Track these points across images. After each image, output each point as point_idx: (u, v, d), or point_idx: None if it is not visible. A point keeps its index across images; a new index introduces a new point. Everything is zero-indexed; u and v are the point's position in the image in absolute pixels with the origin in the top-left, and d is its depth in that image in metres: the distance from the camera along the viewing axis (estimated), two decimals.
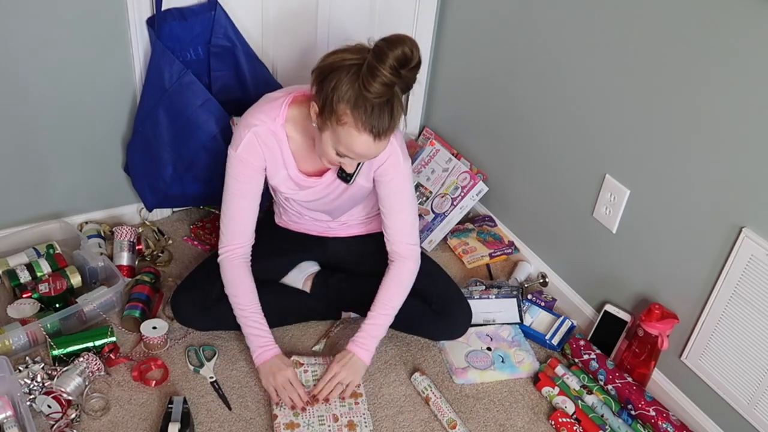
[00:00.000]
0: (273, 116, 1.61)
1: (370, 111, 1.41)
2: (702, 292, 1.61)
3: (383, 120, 1.42)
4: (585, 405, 1.73)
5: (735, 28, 1.40)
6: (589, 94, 1.79)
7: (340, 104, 1.42)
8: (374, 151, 1.48)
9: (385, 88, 1.38)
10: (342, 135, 1.45)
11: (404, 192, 1.71)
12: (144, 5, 1.84)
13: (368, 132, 1.43)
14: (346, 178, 1.67)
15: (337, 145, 1.48)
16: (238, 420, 1.65)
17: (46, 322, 1.71)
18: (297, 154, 1.66)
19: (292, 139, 1.64)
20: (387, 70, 1.36)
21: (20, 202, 2.00)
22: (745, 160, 1.44)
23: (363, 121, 1.41)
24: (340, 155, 1.50)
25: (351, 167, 1.55)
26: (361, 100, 1.40)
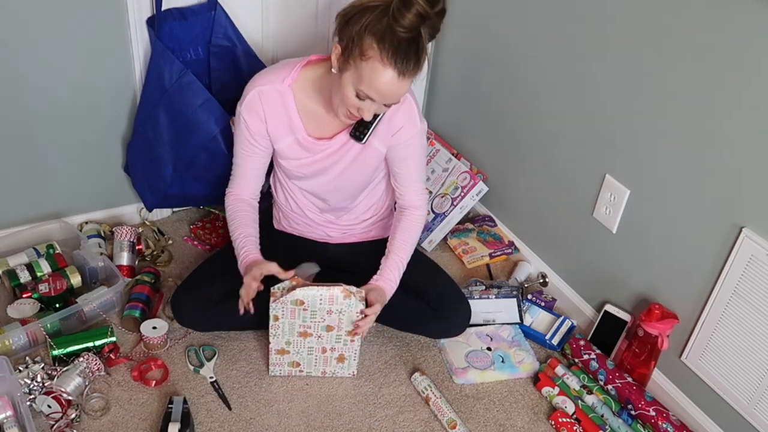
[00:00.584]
0: (282, 77, 1.61)
1: (397, 45, 1.38)
2: (702, 292, 1.61)
3: (409, 57, 1.40)
4: (585, 405, 1.73)
5: (735, 28, 1.40)
6: (589, 94, 1.79)
7: (366, 39, 1.40)
8: (397, 90, 1.45)
9: (417, 20, 1.37)
10: (365, 70, 1.42)
11: (419, 152, 1.73)
12: (144, 5, 1.84)
13: (393, 67, 1.40)
14: (359, 136, 1.64)
15: (358, 84, 1.44)
16: (238, 420, 1.65)
17: (46, 322, 1.71)
18: (306, 117, 1.65)
19: (300, 101, 1.63)
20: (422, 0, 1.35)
21: (20, 202, 2.00)
22: (745, 160, 1.44)
23: (389, 55, 1.39)
24: (360, 97, 1.46)
25: (369, 114, 1.50)
26: (389, 34, 1.38)
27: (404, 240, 1.75)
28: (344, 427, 1.66)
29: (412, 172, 1.75)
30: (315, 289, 1.59)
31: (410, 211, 1.78)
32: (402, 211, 1.79)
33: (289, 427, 1.65)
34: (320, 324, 1.65)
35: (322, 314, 1.63)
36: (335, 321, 1.64)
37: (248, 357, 1.81)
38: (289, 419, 1.67)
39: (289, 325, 1.64)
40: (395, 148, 1.69)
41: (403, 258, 1.74)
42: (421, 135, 1.70)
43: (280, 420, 1.66)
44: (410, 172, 1.75)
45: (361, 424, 1.67)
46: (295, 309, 1.61)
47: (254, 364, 1.79)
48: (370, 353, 1.85)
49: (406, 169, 1.74)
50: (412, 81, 1.46)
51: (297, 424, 1.66)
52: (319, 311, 1.62)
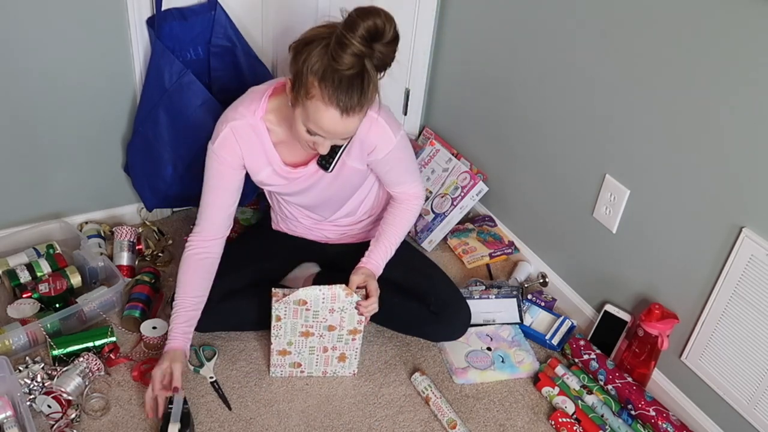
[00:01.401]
0: (252, 109, 1.58)
1: (338, 83, 1.34)
2: (702, 292, 1.61)
3: (352, 95, 1.35)
4: (585, 405, 1.73)
5: (736, 28, 1.40)
6: (589, 94, 1.79)
7: (309, 77, 1.37)
8: (342, 129, 1.41)
9: (354, 59, 1.32)
10: (310, 109, 1.39)
11: (402, 159, 1.69)
12: (144, 5, 1.84)
13: (335, 106, 1.36)
14: (325, 166, 1.61)
15: (306, 121, 1.42)
16: (238, 420, 1.65)
17: (46, 322, 1.71)
18: (279, 146, 1.62)
19: (273, 132, 1.60)
20: (357, 40, 1.29)
21: (20, 202, 2.00)
22: (745, 160, 1.44)
23: (330, 94, 1.35)
24: (310, 133, 1.44)
25: (324, 148, 1.48)
26: (329, 72, 1.34)
27: (396, 226, 1.75)
28: (344, 427, 1.66)
29: (400, 176, 1.73)
30: (317, 289, 1.59)
31: (404, 201, 1.77)
32: (396, 200, 1.78)
33: (289, 427, 1.65)
34: (322, 323, 1.65)
35: (324, 313, 1.63)
36: (337, 320, 1.64)
37: (248, 357, 1.81)
38: (289, 419, 1.67)
39: (291, 325, 1.64)
40: (375, 164, 1.67)
41: (393, 244, 1.74)
42: (399, 146, 1.64)
43: (280, 420, 1.66)
44: (399, 178, 1.73)
45: (361, 424, 1.67)
46: (297, 309, 1.61)
47: (254, 364, 1.79)
48: (370, 353, 1.85)
49: (394, 176, 1.72)
50: (360, 116, 1.41)
51: (297, 424, 1.66)
52: (321, 310, 1.62)
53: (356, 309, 1.63)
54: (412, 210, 1.78)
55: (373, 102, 1.42)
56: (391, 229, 1.74)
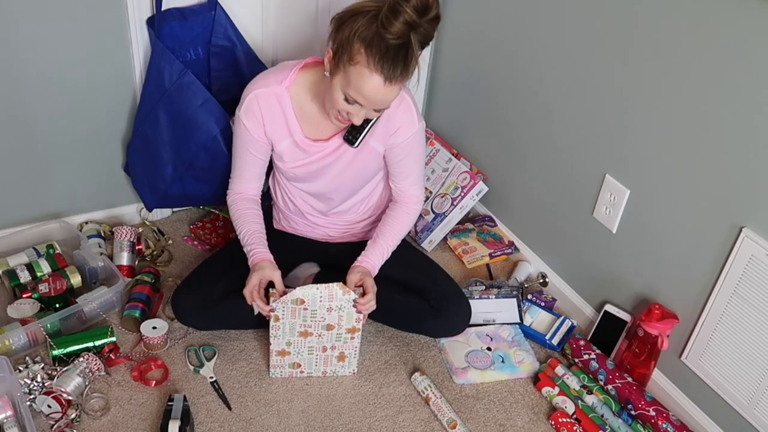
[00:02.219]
0: (279, 79, 1.62)
1: (384, 51, 1.39)
2: (702, 292, 1.61)
3: (396, 64, 1.41)
4: (585, 405, 1.73)
5: (736, 28, 1.40)
6: (589, 94, 1.79)
7: (354, 43, 1.41)
8: (383, 96, 1.45)
9: (405, 28, 1.37)
10: (353, 75, 1.43)
11: (417, 151, 1.73)
12: (144, 5, 1.84)
13: (379, 73, 1.41)
14: (351, 141, 1.65)
15: (346, 88, 1.45)
16: (238, 420, 1.65)
17: (46, 322, 1.71)
18: (302, 119, 1.65)
19: (297, 103, 1.64)
20: (410, 9, 1.35)
21: (20, 202, 2.00)
22: (744, 160, 1.44)
23: (376, 61, 1.40)
24: (348, 101, 1.47)
25: (358, 118, 1.51)
26: (377, 39, 1.39)
27: (394, 229, 1.76)
28: (344, 427, 1.66)
29: (409, 171, 1.76)
30: (314, 287, 1.59)
31: (404, 204, 1.79)
32: (396, 203, 1.80)
33: (289, 427, 1.65)
34: (320, 323, 1.65)
35: (322, 312, 1.63)
36: (335, 319, 1.64)
37: (248, 357, 1.81)
38: (289, 419, 1.67)
39: (290, 326, 1.64)
40: (393, 148, 1.69)
41: (390, 245, 1.74)
42: (419, 134, 1.70)
43: (280, 420, 1.66)
44: (408, 172, 1.76)
45: (361, 424, 1.67)
46: (295, 308, 1.61)
47: (254, 364, 1.79)
48: (370, 353, 1.85)
49: (403, 168, 1.74)
50: (400, 87, 1.46)
51: (297, 424, 1.66)
52: (319, 309, 1.62)
53: (354, 307, 1.64)
54: (410, 214, 1.79)
55: (411, 77, 1.47)
56: (388, 231, 1.75)
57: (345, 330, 1.67)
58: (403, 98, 1.62)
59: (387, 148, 1.70)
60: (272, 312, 1.61)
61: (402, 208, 1.78)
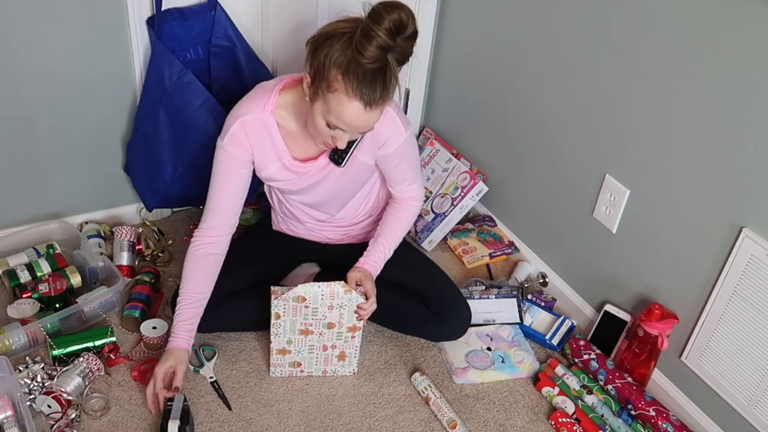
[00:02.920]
0: (262, 104, 1.59)
1: (362, 77, 1.36)
2: (702, 292, 1.61)
3: (375, 88, 1.38)
4: (585, 405, 1.73)
5: (736, 28, 1.40)
6: (589, 94, 1.79)
7: (331, 70, 1.38)
8: (364, 122, 1.43)
9: (379, 52, 1.34)
10: (332, 102, 1.40)
11: (409, 156, 1.71)
12: (144, 5, 1.84)
13: (359, 99, 1.38)
14: (338, 160, 1.63)
15: (327, 115, 1.43)
16: (238, 420, 1.65)
17: (46, 322, 1.71)
18: (289, 141, 1.63)
19: (282, 126, 1.61)
20: (383, 32, 1.31)
21: (20, 202, 2.00)
22: (744, 160, 1.44)
23: (354, 88, 1.36)
24: (330, 127, 1.45)
25: (342, 143, 1.49)
26: (353, 65, 1.35)
27: (395, 227, 1.75)
28: (344, 427, 1.66)
29: (405, 175, 1.75)
30: (316, 285, 1.59)
31: (404, 202, 1.78)
32: (395, 201, 1.80)
33: (289, 427, 1.65)
34: (321, 321, 1.65)
35: (323, 310, 1.63)
36: (336, 317, 1.64)
37: (248, 357, 1.81)
38: (289, 419, 1.67)
39: (291, 323, 1.64)
40: (384, 158, 1.68)
41: (392, 244, 1.74)
42: (409, 141, 1.67)
43: (280, 420, 1.66)
44: (403, 176, 1.75)
45: (361, 424, 1.67)
46: (296, 306, 1.61)
47: (254, 364, 1.79)
48: (370, 353, 1.85)
49: (398, 174, 1.74)
50: (381, 110, 1.44)
51: (297, 424, 1.66)
52: (320, 307, 1.62)
53: (355, 313, 1.64)
54: (411, 211, 1.78)
55: (392, 96, 1.45)
56: (389, 230, 1.75)
57: (346, 329, 1.67)
58: (385, 113, 1.56)
59: (378, 159, 1.68)
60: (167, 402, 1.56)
61: (402, 206, 1.78)
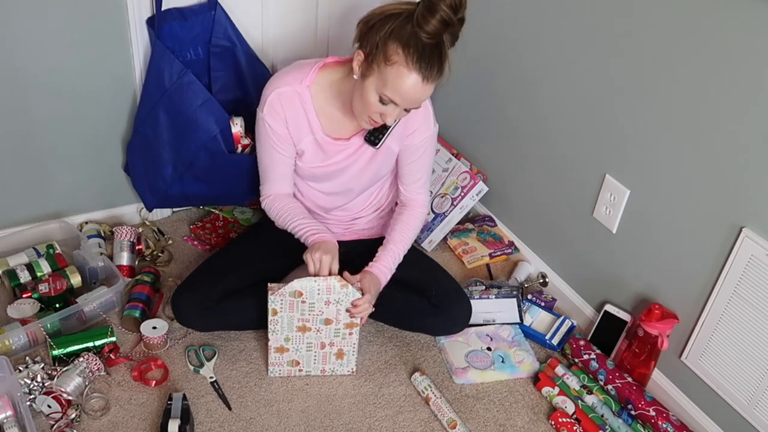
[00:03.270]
0: (300, 78, 1.64)
1: (422, 50, 1.42)
2: (702, 292, 1.61)
3: (433, 63, 1.44)
4: (585, 405, 1.73)
5: (735, 29, 1.40)
6: (589, 94, 1.79)
7: (390, 44, 1.44)
8: (420, 94, 1.48)
9: (441, 26, 1.40)
10: (390, 75, 1.45)
11: (430, 154, 1.77)
12: (144, 5, 1.84)
13: (418, 71, 1.44)
14: (374, 141, 1.67)
15: (382, 88, 1.47)
16: (238, 420, 1.65)
17: (46, 322, 1.71)
18: (323, 118, 1.67)
19: (317, 102, 1.65)
20: (446, 7, 1.38)
21: (20, 202, 2.00)
22: (744, 160, 1.44)
23: (414, 60, 1.42)
24: (383, 102, 1.49)
25: (391, 118, 1.52)
26: (413, 39, 1.42)
27: (403, 233, 1.77)
28: (344, 427, 1.66)
29: (420, 174, 1.78)
30: (312, 280, 1.60)
31: (412, 209, 1.81)
32: (403, 206, 1.82)
33: (289, 427, 1.65)
34: (318, 317, 1.65)
35: (320, 306, 1.63)
36: (333, 313, 1.64)
37: (248, 357, 1.81)
38: (289, 419, 1.67)
39: (288, 320, 1.64)
40: (407, 149, 1.72)
41: (400, 250, 1.75)
42: (433, 137, 1.74)
43: (280, 420, 1.66)
44: (418, 175, 1.78)
45: (361, 424, 1.67)
46: (293, 302, 1.61)
47: (254, 364, 1.79)
48: (370, 353, 1.85)
49: (414, 170, 1.77)
50: (433, 87, 1.49)
51: (297, 424, 1.66)
52: (317, 302, 1.62)
53: (347, 311, 1.64)
54: (419, 218, 1.81)
55: (444, 76, 1.50)
56: (398, 236, 1.76)
57: (343, 325, 1.67)
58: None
59: (402, 148, 1.72)
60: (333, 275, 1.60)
61: (410, 212, 1.80)
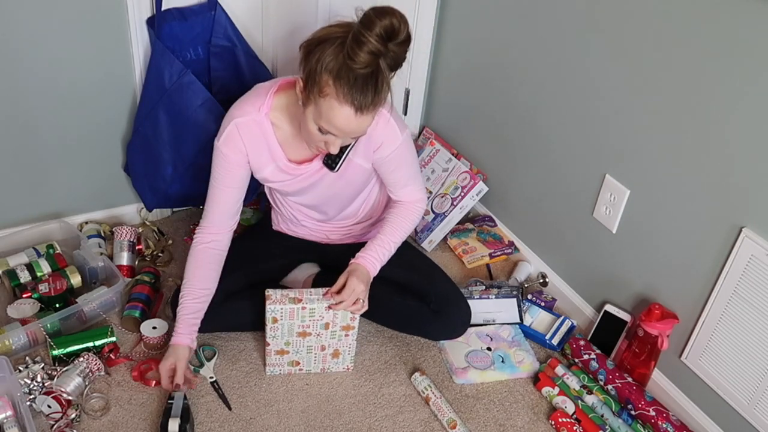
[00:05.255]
0: (258, 106, 1.59)
1: (353, 82, 1.36)
2: (702, 292, 1.61)
3: (366, 93, 1.38)
4: (585, 405, 1.73)
5: (735, 29, 1.40)
6: (589, 94, 1.79)
7: (323, 75, 1.38)
8: (355, 127, 1.43)
9: (370, 57, 1.34)
10: (323, 107, 1.40)
11: (408, 160, 1.70)
12: (144, 5, 1.84)
13: (349, 104, 1.38)
14: (331, 165, 1.63)
15: (318, 119, 1.43)
16: (238, 420, 1.65)
17: (46, 322, 1.71)
18: (284, 143, 1.63)
19: (278, 128, 1.61)
20: (374, 38, 1.31)
21: (20, 202, 2.00)
22: (744, 160, 1.44)
23: (345, 93, 1.37)
24: (322, 132, 1.45)
25: (335, 148, 1.49)
26: (344, 71, 1.36)
27: (396, 225, 1.73)
28: (344, 427, 1.66)
29: (405, 180, 1.73)
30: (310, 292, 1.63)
31: (407, 203, 1.77)
32: (398, 203, 1.78)
33: (289, 427, 1.65)
34: (318, 322, 1.65)
35: (320, 311, 1.63)
36: (330, 316, 1.65)
37: (248, 357, 1.81)
38: (289, 419, 1.67)
39: (288, 326, 1.64)
40: (380, 162, 1.67)
41: (392, 241, 1.71)
42: (405, 144, 1.66)
43: (280, 420, 1.66)
44: (404, 181, 1.73)
45: (361, 424, 1.67)
46: (294, 309, 1.61)
47: (254, 364, 1.79)
48: (370, 353, 1.85)
49: (397, 178, 1.72)
50: (373, 115, 1.44)
51: (297, 424, 1.66)
52: (317, 308, 1.62)
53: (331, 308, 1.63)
54: (414, 211, 1.76)
55: (385, 101, 1.44)
56: (390, 228, 1.73)
57: (339, 327, 1.67)
58: (380, 116, 1.55)
59: (374, 162, 1.67)
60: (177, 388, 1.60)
61: (404, 206, 1.76)
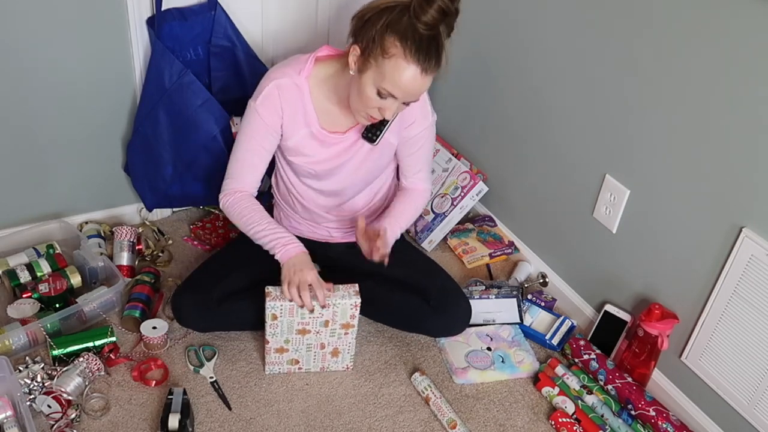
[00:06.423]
0: (297, 69, 1.63)
1: (419, 42, 1.42)
2: (702, 292, 1.61)
3: (431, 54, 1.43)
4: (585, 405, 1.73)
5: (736, 28, 1.40)
6: (589, 94, 1.79)
7: (387, 37, 1.43)
8: (419, 86, 1.47)
9: (439, 16, 1.40)
10: (388, 68, 1.44)
11: (429, 145, 1.77)
12: (144, 5, 1.84)
13: (416, 63, 1.43)
14: (371, 138, 1.66)
15: (380, 82, 1.46)
16: (238, 420, 1.65)
17: (46, 322, 1.71)
18: (320, 110, 1.66)
19: (314, 94, 1.64)
20: None
21: (20, 202, 2.00)
22: (745, 159, 1.44)
23: (412, 52, 1.42)
24: (382, 96, 1.48)
25: (390, 112, 1.51)
26: (410, 31, 1.41)
27: (403, 209, 1.78)
28: (344, 427, 1.66)
29: (420, 165, 1.79)
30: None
31: (414, 191, 1.82)
32: (405, 190, 1.83)
33: (289, 427, 1.65)
34: (318, 319, 1.65)
35: (319, 309, 1.63)
36: (330, 314, 1.65)
37: (248, 357, 1.81)
38: (289, 419, 1.67)
39: (288, 324, 1.64)
40: (406, 141, 1.72)
41: (400, 222, 1.75)
42: (432, 128, 1.74)
43: (280, 420, 1.66)
44: (419, 166, 1.79)
45: (361, 424, 1.67)
46: (293, 306, 1.61)
47: (254, 364, 1.79)
48: (370, 353, 1.85)
49: (414, 161, 1.78)
50: (431, 79, 1.49)
51: (297, 424, 1.66)
52: (317, 306, 1.62)
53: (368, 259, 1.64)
54: (420, 199, 1.82)
55: (443, 67, 1.49)
56: (399, 207, 1.77)
57: (339, 325, 1.67)
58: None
59: (401, 140, 1.72)
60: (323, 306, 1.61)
61: (410, 194, 1.81)
